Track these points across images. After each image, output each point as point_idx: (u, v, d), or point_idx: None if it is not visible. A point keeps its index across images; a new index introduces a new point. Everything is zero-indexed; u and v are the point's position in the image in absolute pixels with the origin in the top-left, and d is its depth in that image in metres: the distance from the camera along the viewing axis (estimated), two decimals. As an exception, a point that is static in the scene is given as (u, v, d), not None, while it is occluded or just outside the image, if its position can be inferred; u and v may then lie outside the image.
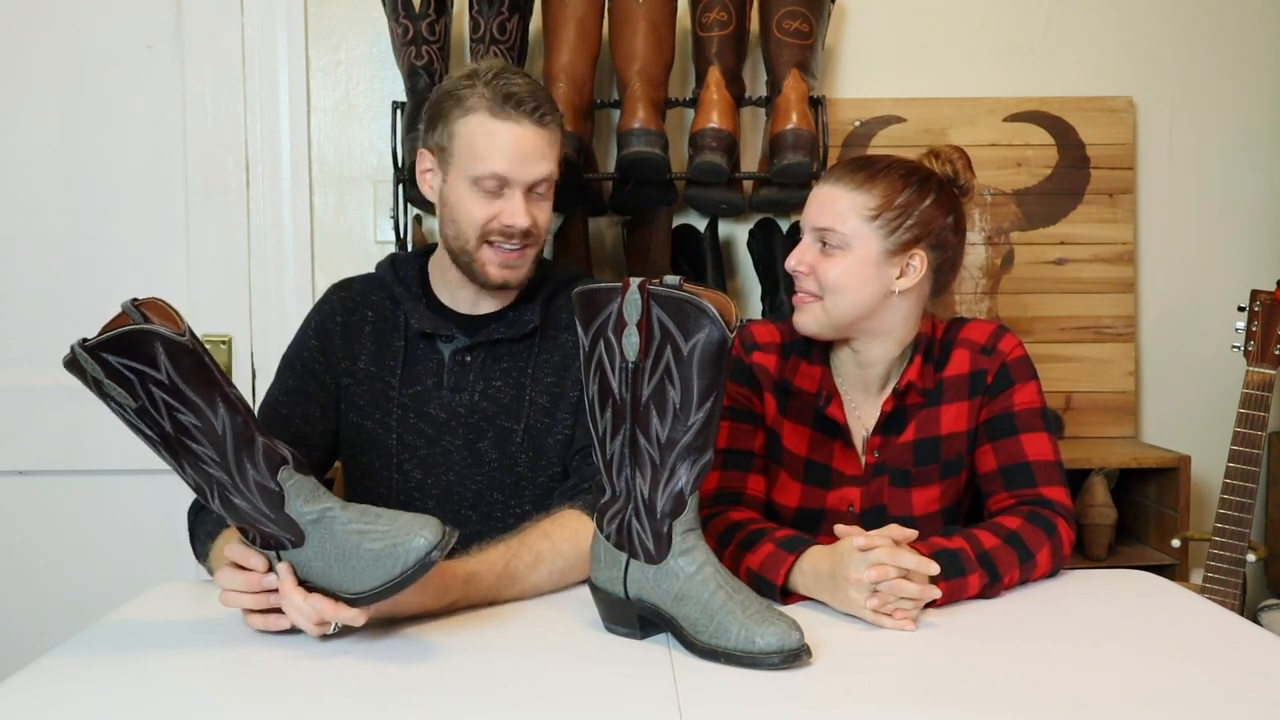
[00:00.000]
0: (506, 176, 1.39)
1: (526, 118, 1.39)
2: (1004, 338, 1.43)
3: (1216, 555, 1.88)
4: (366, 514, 1.06)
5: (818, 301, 1.37)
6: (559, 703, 0.96)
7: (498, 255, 1.42)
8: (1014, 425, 1.39)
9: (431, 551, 1.01)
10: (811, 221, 1.38)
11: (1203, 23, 2.34)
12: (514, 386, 1.46)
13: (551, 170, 1.43)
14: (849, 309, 1.36)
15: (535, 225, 1.43)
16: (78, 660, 1.07)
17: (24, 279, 2.25)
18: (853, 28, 2.31)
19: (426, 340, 1.48)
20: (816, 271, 1.36)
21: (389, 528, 1.04)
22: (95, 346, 1.01)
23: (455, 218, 1.43)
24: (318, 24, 2.26)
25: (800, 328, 1.40)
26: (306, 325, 1.53)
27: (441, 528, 1.03)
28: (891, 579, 1.14)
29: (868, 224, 1.35)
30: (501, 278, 1.44)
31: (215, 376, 1.03)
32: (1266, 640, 1.12)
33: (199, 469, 1.06)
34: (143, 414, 1.03)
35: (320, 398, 1.48)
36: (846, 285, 1.35)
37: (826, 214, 1.36)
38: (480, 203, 1.41)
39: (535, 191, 1.43)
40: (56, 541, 2.26)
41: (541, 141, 1.41)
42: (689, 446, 1.05)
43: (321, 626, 1.07)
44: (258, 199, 2.25)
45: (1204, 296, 2.36)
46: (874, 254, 1.35)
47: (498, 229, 1.41)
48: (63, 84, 2.24)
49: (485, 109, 1.39)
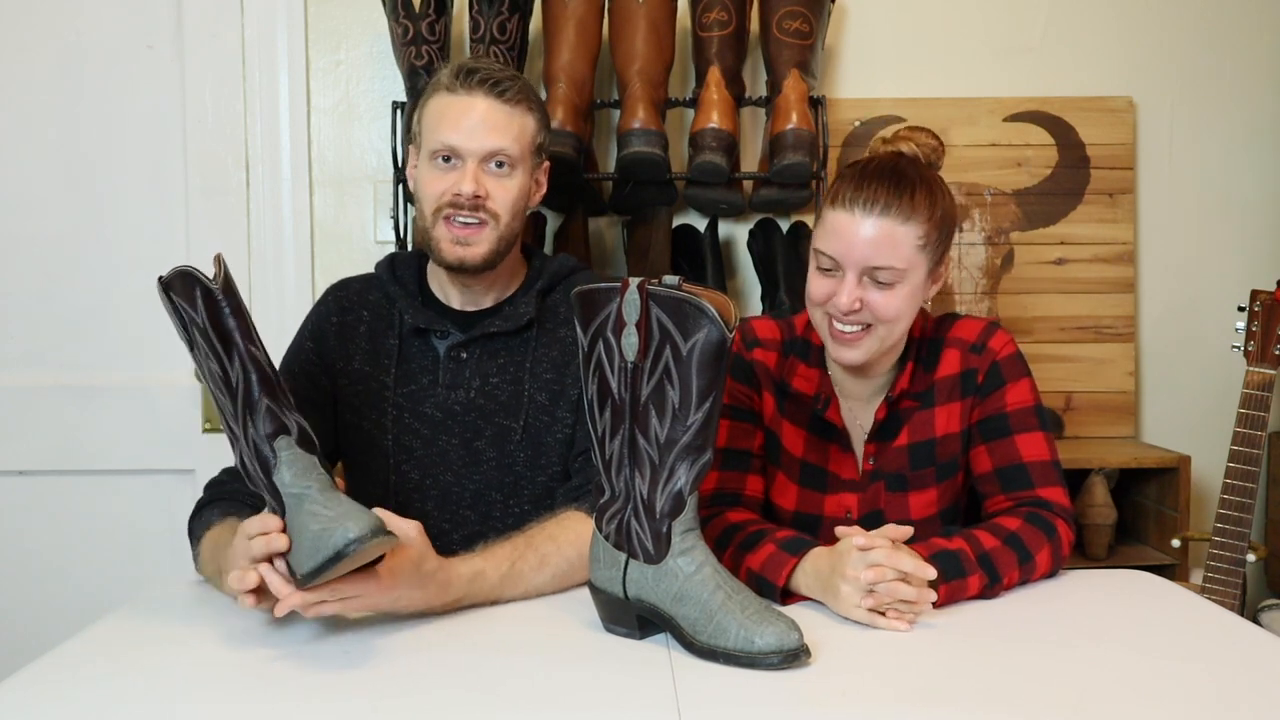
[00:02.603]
0: (456, 147, 1.38)
1: (481, 90, 1.39)
2: (994, 335, 1.41)
3: (1216, 555, 1.88)
4: (332, 501, 1.06)
5: (871, 333, 1.33)
6: (559, 703, 0.96)
7: (450, 230, 1.40)
8: (1008, 426, 1.38)
9: (349, 545, 1.00)
10: (863, 260, 1.29)
11: (1203, 23, 2.33)
12: (511, 382, 1.45)
13: (507, 146, 1.40)
14: (899, 331, 1.35)
15: (490, 198, 1.39)
16: (78, 660, 1.07)
17: (24, 279, 2.25)
18: (853, 28, 2.31)
19: (421, 337, 1.48)
20: (872, 306, 1.31)
21: (332, 514, 1.03)
22: (165, 282, 1.09)
23: (419, 197, 1.44)
24: (318, 24, 2.26)
25: (850, 361, 1.35)
26: (303, 328, 1.53)
27: (374, 526, 1.02)
28: (889, 580, 1.14)
29: (919, 253, 1.31)
30: (456, 255, 1.40)
31: (233, 328, 1.07)
32: (1266, 640, 1.12)
33: (224, 420, 1.11)
34: (194, 351, 1.10)
35: (317, 399, 1.47)
36: (905, 313, 1.33)
37: (884, 253, 1.28)
38: (436, 176, 1.40)
39: (491, 166, 1.40)
40: (56, 541, 2.26)
41: (497, 115, 1.39)
42: (688, 446, 1.05)
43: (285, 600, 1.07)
44: (258, 199, 2.25)
45: (1204, 296, 2.36)
46: (923, 276, 1.33)
47: (449, 200, 1.39)
48: (63, 84, 2.23)
49: (445, 86, 1.41)
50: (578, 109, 1.99)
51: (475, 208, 1.39)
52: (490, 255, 1.42)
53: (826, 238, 1.32)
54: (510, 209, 1.42)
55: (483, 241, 1.41)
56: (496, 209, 1.41)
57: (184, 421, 2.25)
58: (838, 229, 1.30)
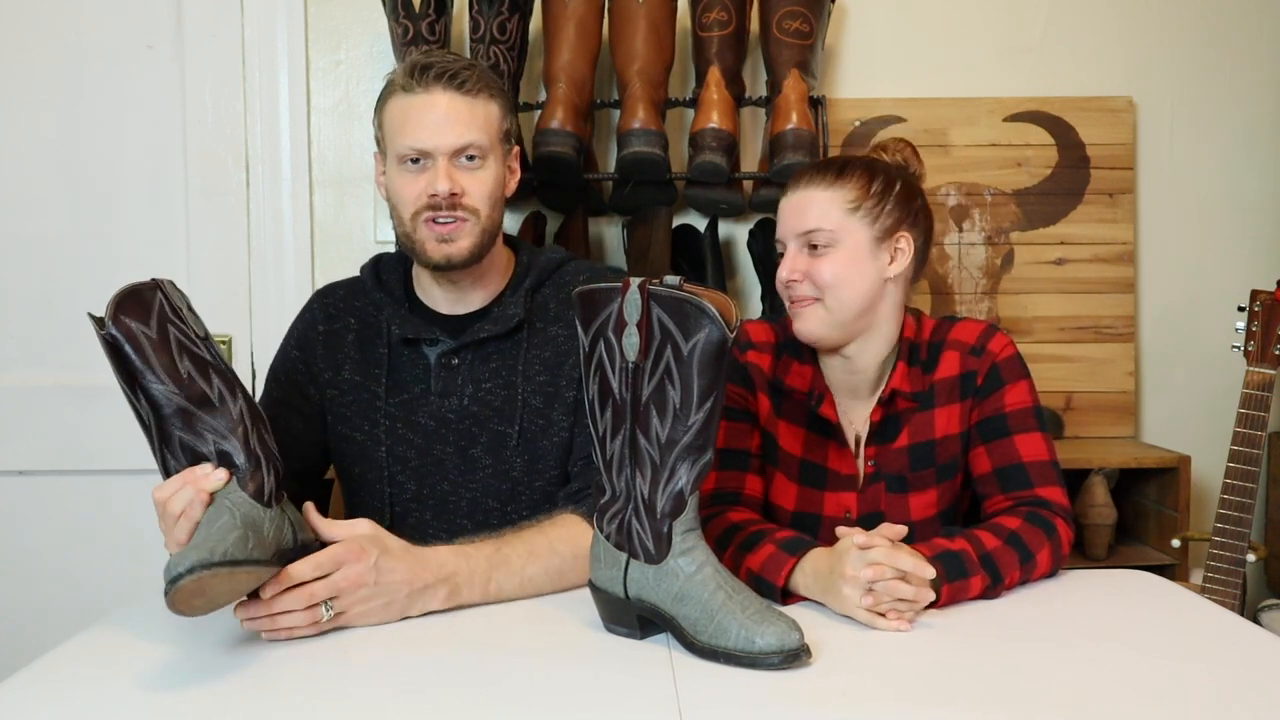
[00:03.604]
0: (423, 148, 1.35)
1: (439, 85, 1.35)
2: (993, 337, 1.42)
3: (1216, 555, 1.88)
4: (204, 521, 1.07)
5: (818, 303, 1.37)
6: (559, 703, 0.96)
7: (431, 230, 1.37)
8: (1007, 426, 1.38)
9: (176, 577, 0.98)
10: (794, 229, 1.38)
11: (1202, 23, 2.34)
12: (505, 387, 1.43)
13: (475, 138, 1.36)
14: (851, 304, 1.36)
15: (466, 194, 1.36)
16: (78, 660, 1.07)
17: (24, 279, 2.25)
18: (853, 28, 2.31)
19: (411, 345, 1.45)
20: (811, 274, 1.36)
21: (199, 536, 1.04)
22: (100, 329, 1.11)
23: (394, 204, 1.40)
24: (318, 24, 2.26)
25: (804, 335, 1.39)
26: (289, 335, 1.51)
27: (201, 561, 0.98)
28: (887, 579, 1.14)
29: (851, 216, 1.36)
30: (441, 254, 1.38)
31: (135, 367, 1.08)
32: (1266, 640, 1.12)
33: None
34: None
35: (303, 409, 1.46)
36: (844, 279, 1.35)
37: (810, 216, 1.37)
38: (408, 180, 1.37)
39: (462, 161, 1.37)
40: (56, 541, 2.26)
41: (459, 108, 1.36)
42: (689, 446, 1.05)
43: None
44: (258, 199, 2.25)
45: (1204, 296, 2.36)
46: (864, 243, 1.37)
47: (426, 202, 1.36)
48: (63, 84, 2.23)
49: (401, 86, 1.37)
50: (578, 109, 1.99)
51: (453, 206, 1.36)
52: (475, 249, 1.39)
53: (778, 224, 1.43)
54: (488, 200, 1.39)
55: (465, 235, 1.38)
56: (474, 204, 1.38)
57: (184, 421, 2.24)
58: (781, 212, 1.42)
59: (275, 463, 1.14)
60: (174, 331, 1.10)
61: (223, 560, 0.99)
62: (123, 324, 1.08)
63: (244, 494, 1.09)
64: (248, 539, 1.04)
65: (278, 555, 1.08)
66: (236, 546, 1.02)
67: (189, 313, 1.14)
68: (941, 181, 2.29)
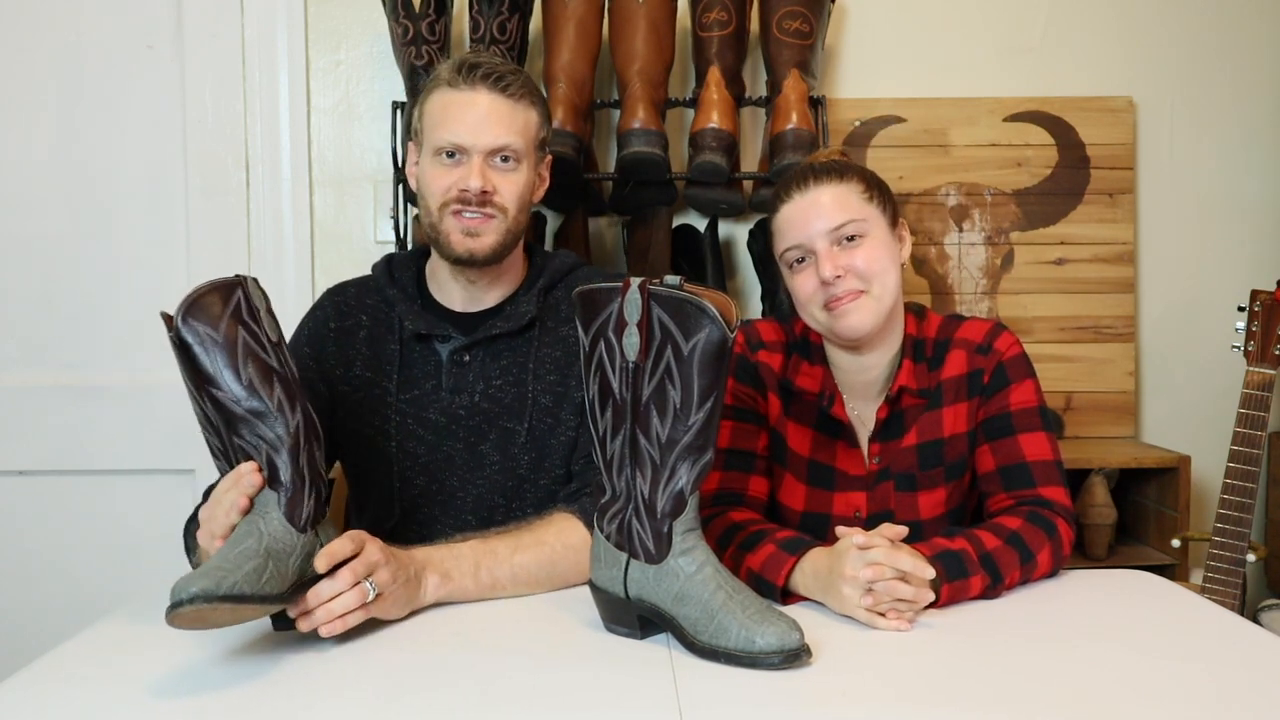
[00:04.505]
0: (461, 144, 1.38)
1: (484, 85, 1.38)
2: (1000, 336, 1.42)
3: (1216, 555, 1.88)
4: (226, 546, 1.06)
5: (864, 295, 1.36)
6: (559, 703, 0.96)
7: (459, 223, 1.39)
8: (1011, 425, 1.38)
9: (178, 602, 0.97)
10: (822, 228, 1.36)
11: (1203, 23, 2.34)
12: (515, 384, 1.44)
13: (512, 141, 1.39)
14: (893, 288, 1.38)
15: (497, 193, 1.39)
16: (77, 660, 1.07)
17: (24, 279, 2.25)
18: (853, 28, 2.31)
19: (423, 341, 1.46)
20: (853, 267, 1.36)
21: (210, 564, 1.02)
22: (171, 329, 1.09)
23: (423, 194, 1.43)
24: (318, 24, 2.26)
25: (857, 329, 1.37)
26: (299, 332, 1.51)
27: (205, 591, 0.97)
28: (887, 579, 1.14)
29: (869, 205, 1.38)
30: (465, 247, 1.40)
31: (203, 370, 1.07)
32: (1266, 640, 1.12)
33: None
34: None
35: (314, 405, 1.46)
36: (884, 264, 1.37)
37: (838, 212, 1.36)
38: (441, 172, 1.40)
39: (497, 161, 1.40)
40: (56, 541, 2.26)
41: (501, 110, 1.39)
42: (689, 446, 1.05)
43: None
44: (258, 199, 2.25)
45: (1204, 296, 2.36)
46: (885, 230, 1.39)
47: (456, 195, 1.39)
48: (63, 84, 2.24)
49: (446, 81, 1.40)
50: (578, 109, 1.99)
51: (483, 203, 1.39)
52: (498, 247, 1.41)
53: (787, 234, 1.40)
54: (517, 202, 1.42)
55: (491, 232, 1.40)
56: (504, 203, 1.40)
57: (184, 421, 2.21)
58: (793, 219, 1.39)
59: (320, 484, 1.13)
60: (244, 335, 1.09)
61: (228, 595, 0.98)
62: (191, 325, 1.07)
63: (279, 515, 1.08)
64: (264, 570, 1.02)
65: (295, 586, 1.07)
66: (247, 580, 1.00)
67: (266, 315, 1.13)
68: (941, 181, 2.29)
